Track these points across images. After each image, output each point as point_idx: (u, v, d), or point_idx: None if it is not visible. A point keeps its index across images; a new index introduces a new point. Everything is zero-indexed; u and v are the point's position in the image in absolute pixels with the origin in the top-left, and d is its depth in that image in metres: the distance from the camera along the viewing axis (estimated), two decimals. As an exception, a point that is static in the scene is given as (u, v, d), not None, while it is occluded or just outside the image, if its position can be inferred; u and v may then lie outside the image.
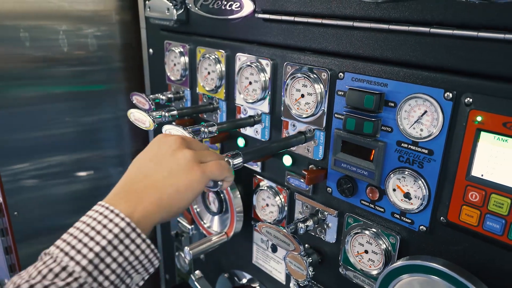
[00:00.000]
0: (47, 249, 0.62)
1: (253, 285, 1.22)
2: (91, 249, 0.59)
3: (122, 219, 0.62)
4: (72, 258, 0.59)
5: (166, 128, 0.90)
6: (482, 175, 0.65)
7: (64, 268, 0.58)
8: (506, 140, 0.61)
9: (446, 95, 0.66)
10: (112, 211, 0.63)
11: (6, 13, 1.19)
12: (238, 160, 0.80)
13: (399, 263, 0.72)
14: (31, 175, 1.35)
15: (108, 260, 0.60)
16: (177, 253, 1.51)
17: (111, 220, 0.62)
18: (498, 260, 0.66)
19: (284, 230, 0.84)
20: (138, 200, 0.66)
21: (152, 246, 0.65)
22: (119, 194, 0.68)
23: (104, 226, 0.61)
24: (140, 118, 0.99)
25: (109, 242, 0.60)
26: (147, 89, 1.44)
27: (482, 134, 0.63)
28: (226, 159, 0.78)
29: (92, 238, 0.60)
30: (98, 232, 0.61)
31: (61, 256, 0.59)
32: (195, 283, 1.30)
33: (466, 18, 0.62)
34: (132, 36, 1.42)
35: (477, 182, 0.65)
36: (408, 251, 0.78)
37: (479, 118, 0.63)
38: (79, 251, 0.59)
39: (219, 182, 0.75)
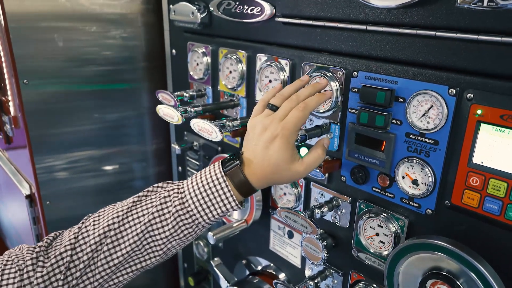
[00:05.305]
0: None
1: (269, 271, 1.31)
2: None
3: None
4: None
5: (195, 122, 0.99)
6: (482, 162, 0.73)
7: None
8: (503, 131, 0.69)
9: (450, 91, 0.74)
10: None
11: (43, 15, 1.28)
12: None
13: (407, 242, 0.80)
14: (62, 168, 1.44)
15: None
16: (196, 242, 1.60)
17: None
18: (496, 238, 0.74)
19: (302, 214, 0.92)
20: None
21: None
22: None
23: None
24: (169, 113, 1.08)
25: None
26: (169, 87, 1.53)
27: (482, 125, 0.71)
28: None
29: None
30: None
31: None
32: (215, 268, 1.39)
33: (467, 22, 0.70)
34: (155, 37, 1.51)
35: (478, 168, 0.73)
36: (415, 233, 0.86)
37: (479, 112, 0.71)
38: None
39: None
